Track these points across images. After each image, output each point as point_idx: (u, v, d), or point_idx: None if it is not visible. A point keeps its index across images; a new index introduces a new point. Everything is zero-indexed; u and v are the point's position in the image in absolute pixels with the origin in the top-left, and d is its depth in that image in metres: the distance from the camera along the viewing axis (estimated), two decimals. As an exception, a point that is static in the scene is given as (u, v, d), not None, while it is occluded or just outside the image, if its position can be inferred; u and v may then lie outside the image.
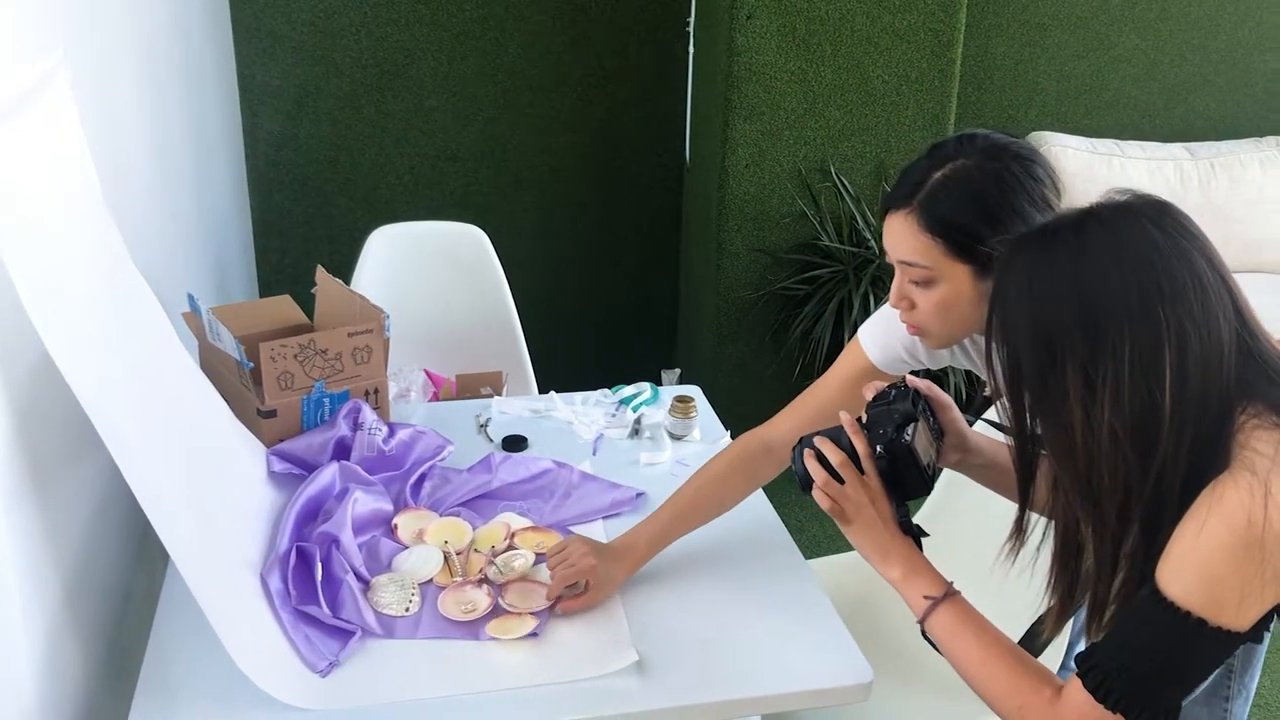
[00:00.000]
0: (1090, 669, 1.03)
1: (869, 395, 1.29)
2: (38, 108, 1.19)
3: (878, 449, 1.22)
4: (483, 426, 1.88)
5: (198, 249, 2.44)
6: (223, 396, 1.62)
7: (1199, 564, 0.96)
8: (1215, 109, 3.61)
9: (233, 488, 1.50)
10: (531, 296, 2.79)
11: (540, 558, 1.50)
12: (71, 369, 1.12)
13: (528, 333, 2.53)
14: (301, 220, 3.36)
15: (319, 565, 1.41)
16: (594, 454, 1.81)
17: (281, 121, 3.24)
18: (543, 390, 2.12)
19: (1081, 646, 1.68)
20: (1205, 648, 0.97)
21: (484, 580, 1.45)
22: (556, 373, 2.66)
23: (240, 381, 1.67)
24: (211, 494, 1.42)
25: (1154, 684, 1.00)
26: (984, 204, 1.23)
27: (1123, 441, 0.97)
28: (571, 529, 1.59)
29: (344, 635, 1.34)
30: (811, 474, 1.24)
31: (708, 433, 1.88)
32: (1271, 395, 0.99)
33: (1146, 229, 1.00)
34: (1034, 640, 1.34)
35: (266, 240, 3.35)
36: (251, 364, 1.63)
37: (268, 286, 3.34)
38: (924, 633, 1.19)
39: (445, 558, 1.49)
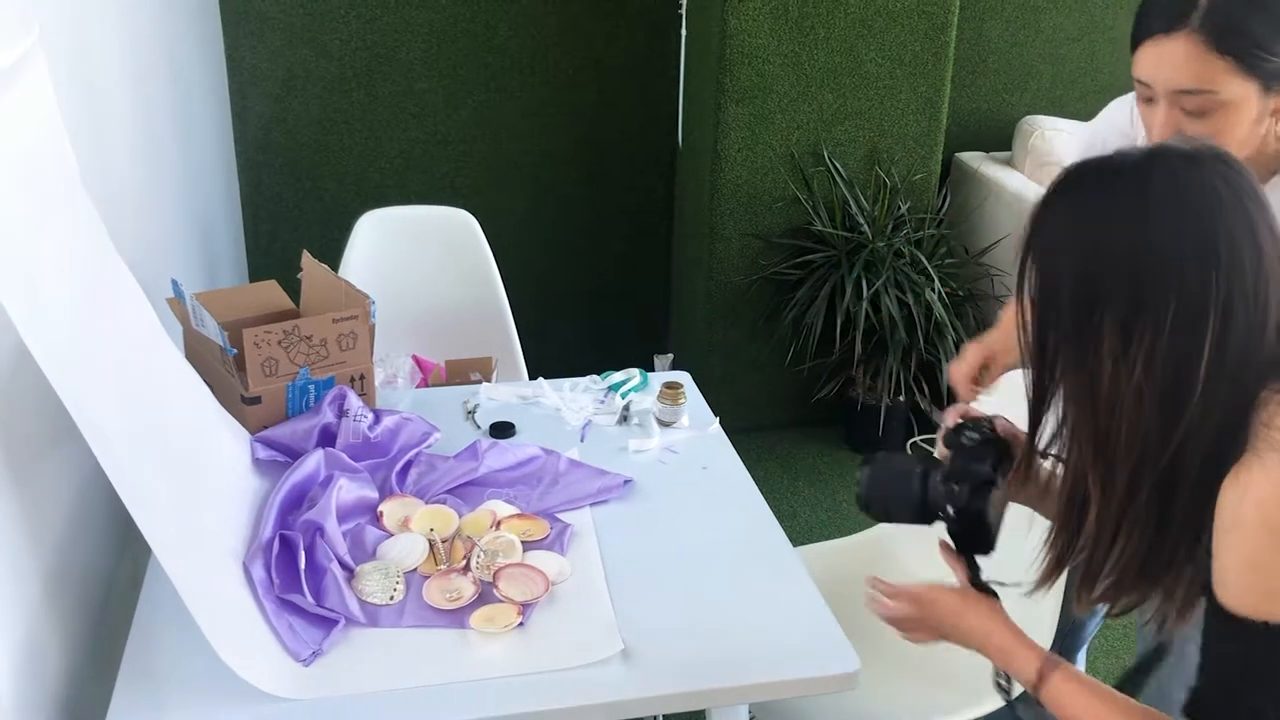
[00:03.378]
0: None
1: (949, 422, 1.22)
2: (12, 90, 1.17)
3: (949, 509, 1.15)
4: (470, 413, 1.87)
5: (184, 233, 2.42)
6: (207, 383, 1.61)
7: (1260, 573, 0.91)
8: (1210, 93, 3.60)
9: (216, 475, 1.49)
10: (522, 281, 2.78)
11: (527, 545, 1.49)
12: (47, 357, 1.11)
13: (518, 318, 2.51)
14: (291, 204, 3.34)
15: (302, 553, 1.40)
16: (582, 440, 1.80)
17: (270, 104, 3.22)
18: (534, 375, 2.11)
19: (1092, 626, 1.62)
20: None
21: (468, 568, 1.44)
22: (548, 358, 2.65)
23: (224, 368, 1.66)
24: (194, 482, 1.40)
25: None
26: (1272, 10, 1.18)
27: (1148, 404, 0.92)
28: (558, 515, 1.58)
29: (327, 624, 1.33)
30: (888, 621, 1.21)
31: (696, 419, 1.87)
32: None
33: (1214, 185, 0.93)
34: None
35: (256, 224, 3.33)
36: (235, 350, 1.62)
37: (258, 270, 3.32)
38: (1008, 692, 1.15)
39: (430, 545, 1.48)
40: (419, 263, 2.51)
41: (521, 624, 1.35)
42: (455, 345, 2.44)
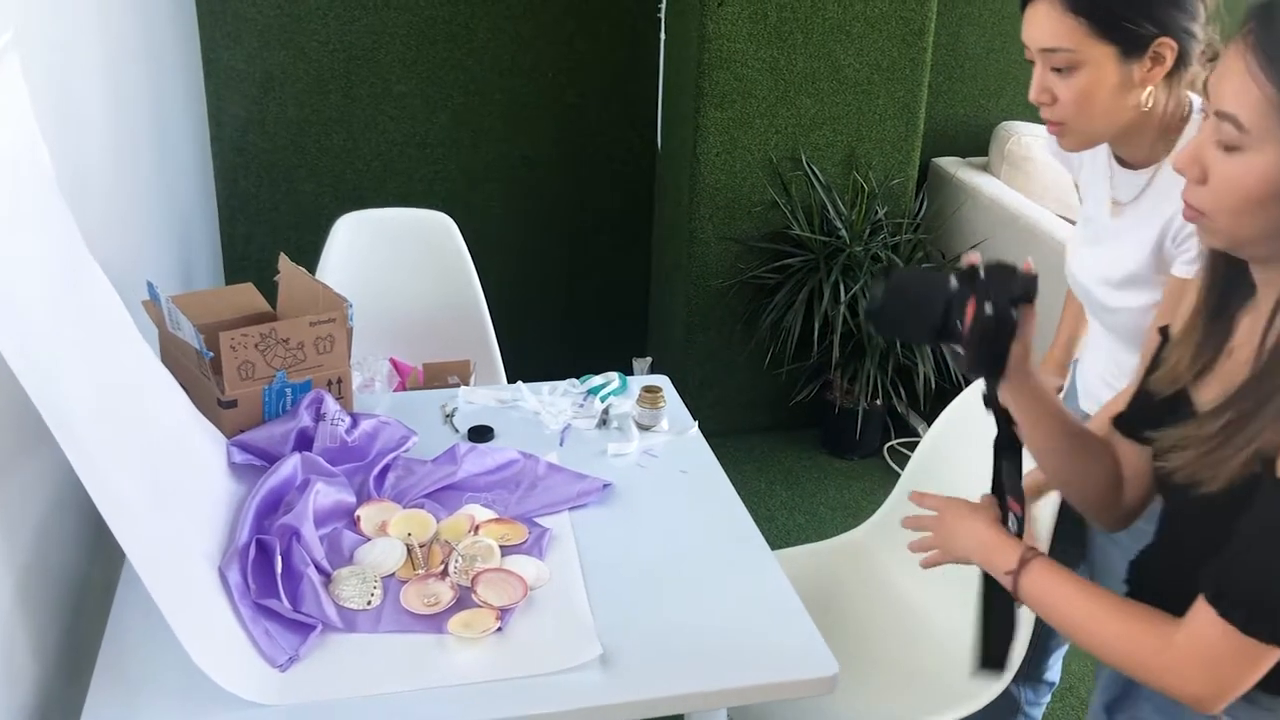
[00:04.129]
0: (1221, 596, 0.92)
1: (967, 263, 1.18)
2: (-15, 91, 1.16)
3: (987, 307, 1.10)
4: (449, 417, 1.87)
5: (160, 235, 2.41)
6: (183, 386, 1.59)
7: None
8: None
9: (191, 479, 1.48)
10: (501, 284, 2.77)
11: (505, 549, 1.48)
12: (20, 359, 1.10)
13: (497, 321, 2.51)
14: (268, 205, 3.32)
15: (279, 558, 1.40)
16: (561, 444, 1.79)
17: (247, 105, 3.20)
18: (512, 379, 2.11)
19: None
20: None
21: (446, 573, 1.43)
22: (526, 361, 2.65)
23: (200, 371, 1.65)
24: (169, 486, 1.39)
25: None
26: None
27: None
28: (536, 520, 1.57)
29: (304, 629, 1.33)
30: (915, 527, 1.24)
31: (676, 423, 1.87)
32: None
33: None
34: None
35: (233, 225, 3.31)
36: (211, 353, 1.61)
37: (234, 272, 3.30)
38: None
39: (408, 550, 1.48)
40: (397, 265, 2.50)
41: (500, 629, 1.35)
42: (433, 348, 2.43)
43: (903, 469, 2.00)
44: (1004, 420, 1.17)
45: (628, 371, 2.04)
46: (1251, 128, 0.89)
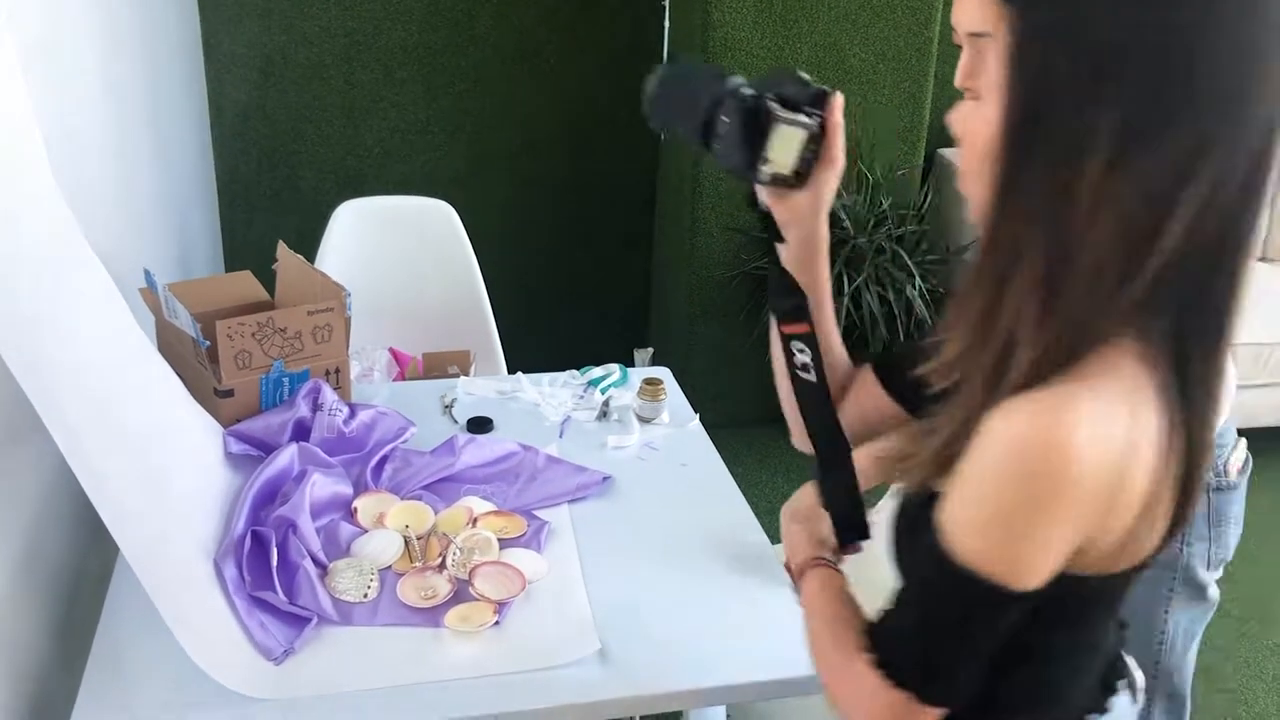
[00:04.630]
0: (885, 658, 0.86)
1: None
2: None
3: (747, 94, 1.03)
4: (448, 407, 1.85)
5: (158, 221, 2.39)
6: (179, 375, 1.58)
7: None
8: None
9: (187, 469, 1.46)
10: (502, 274, 2.75)
11: (504, 542, 1.47)
12: (11, 348, 1.08)
13: (497, 311, 2.49)
14: (268, 192, 3.30)
15: (275, 550, 1.38)
16: (560, 436, 1.78)
17: (248, 91, 3.17)
18: (512, 370, 2.09)
19: None
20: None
21: (444, 566, 1.42)
22: (527, 352, 2.63)
23: (197, 360, 1.63)
24: (164, 476, 1.38)
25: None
26: None
27: (1115, 236, 0.74)
28: (535, 513, 1.56)
29: (300, 622, 1.31)
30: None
31: (677, 415, 1.85)
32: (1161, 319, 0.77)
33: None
34: None
35: (233, 212, 3.29)
36: (208, 342, 1.59)
37: (233, 259, 3.28)
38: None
39: (406, 542, 1.46)
40: (397, 254, 2.48)
41: (497, 623, 1.33)
42: (433, 338, 2.42)
43: (905, 463, 1.98)
44: (768, 222, 1.08)
45: (629, 363, 2.02)
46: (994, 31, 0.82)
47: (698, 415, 1.85)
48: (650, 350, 3.52)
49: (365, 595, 1.37)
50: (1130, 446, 0.75)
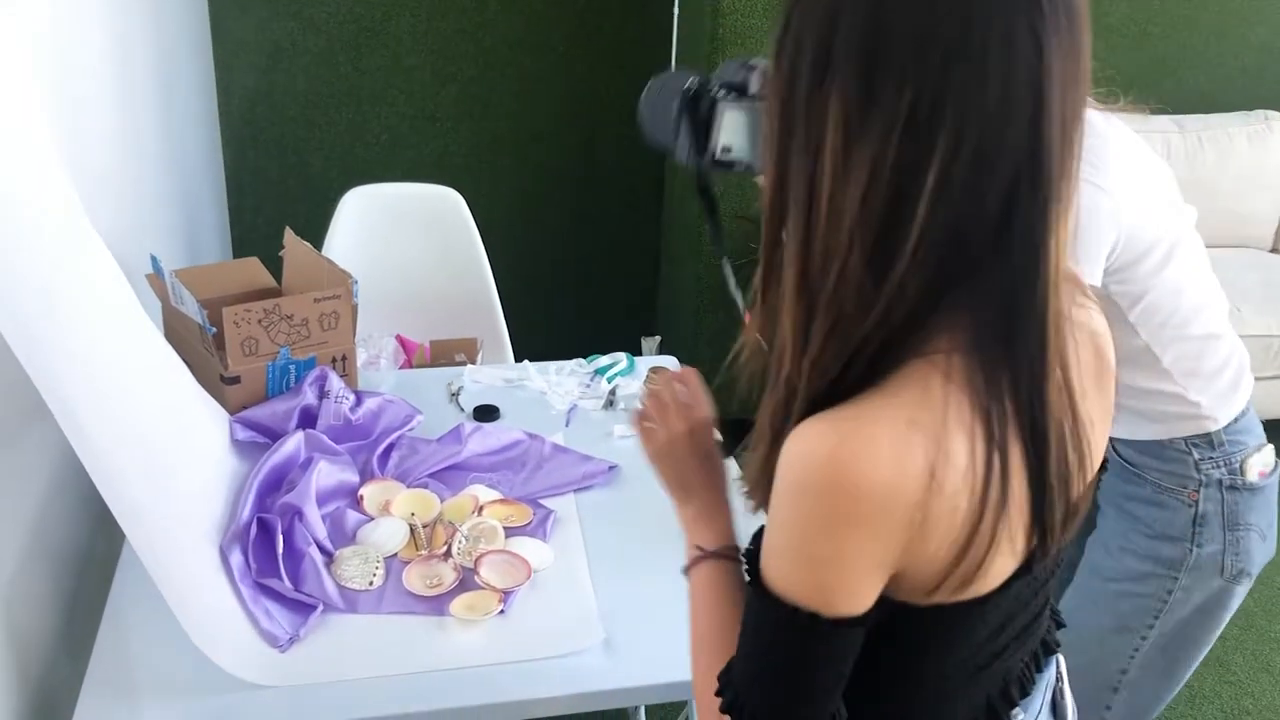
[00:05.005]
0: (730, 699, 0.83)
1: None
2: (-17, 59, 1.14)
3: (693, 83, 1.03)
4: (454, 395, 1.85)
5: (166, 207, 2.38)
6: (186, 362, 1.58)
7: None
8: (1204, 82, 3.57)
9: (193, 456, 1.46)
10: (509, 261, 2.74)
11: (509, 531, 1.47)
12: (16, 333, 1.08)
13: (504, 299, 2.49)
14: (276, 178, 3.29)
15: (280, 537, 1.38)
16: (566, 425, 1.77)
17: (256, 77, 3.16)
18: (519, 358, 2.09)
19: None
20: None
21: (449, 554, 1.42)
22: (534, 340, 2.62)
23: (204, 346, 1.63)
24: (170, 463, 1.38)
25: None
26: None
27: (863, 227, 0.73)
28: (541, 501, 1.56)
29: (305, 609, 1.31)
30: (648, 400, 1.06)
31: (683, 405, 1.84)
32: (980, 314, 0.75)
33: None
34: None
35: (240, 198, 3.29)
36: (215, 329, 1.59)
37: (241, 246, 3.28)
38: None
39: (411, 530, 1.46)
40: (404, 241, 2.48)
41: (502, 611, 1.33)
42: (440, 326, 2.41)
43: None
44: (710, 209, 1.09)
45: (636, 351, 2.02)
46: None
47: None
48: (658, 338, 3.52)
49: (371, 583, 1.37)
50: (928, 468, 0.72)
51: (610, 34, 3.31)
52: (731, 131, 1.06)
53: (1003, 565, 0.80)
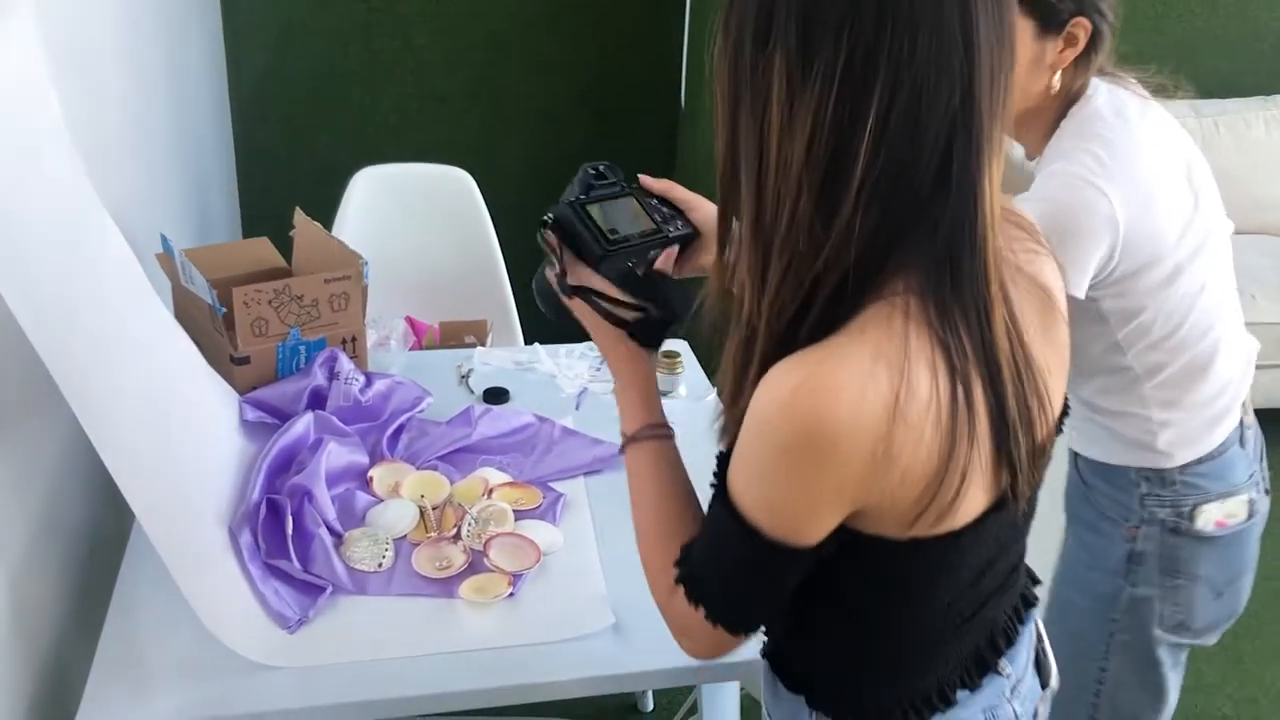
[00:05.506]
0: (690, 579, 0.92)
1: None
2: (-7, 36, 1.13)
3: (548, 217, 1.11)
4: (464, 377, 1.84)
5: (176, 186, 2.38)
6: (196, 341, 1.57)
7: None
8: (1224, 66, 3.53)
9: (203, 436, 1.46)
10: (519, 243, 2.73)
11: (519, 514, 1.46)
12: (26, 313, 1.07)
13: (515, 280, 2.48)
14: (286, 158, 3.28)
15: (290, 518, 1.38)
16: (576, 408, 1.77)
17: (267, 55, 3.15)
18: (529, 340, 2.08)
19: None
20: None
21: (459, 536, 1.41)
22: (544, 322, 2.61)
23: (213, 327, 1.63)
24: (179, 443, 1.38)
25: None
26: None
27: (805, 177, 0.78)
28: (551, 485, 1.55)
29: (314, 591, 1.31)
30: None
31: (693, 389, 1.84)
32: (927, 256, 0.79)
33: None
34: None
35: (250, 178, 3.28)
36: (225, 309, 1.58)
37: (251, 225, 3.27)
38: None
39: (421, 512, 1.46)
40: (414, 222, 2.47)
41: (512, 594, 1.33)
42: (450, 307, 2.41)
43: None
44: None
45: (646, 335, 2.01)
46: None
47: (715, 389, 1.84)
48: (668, 322, 3.51)
49: (380, 565, 1.37)
50: (893, 398, 0.76)
51: (622, 14, 3.29)
52: (625, 216, 1.14)
53: (975, 498, 0.83)
